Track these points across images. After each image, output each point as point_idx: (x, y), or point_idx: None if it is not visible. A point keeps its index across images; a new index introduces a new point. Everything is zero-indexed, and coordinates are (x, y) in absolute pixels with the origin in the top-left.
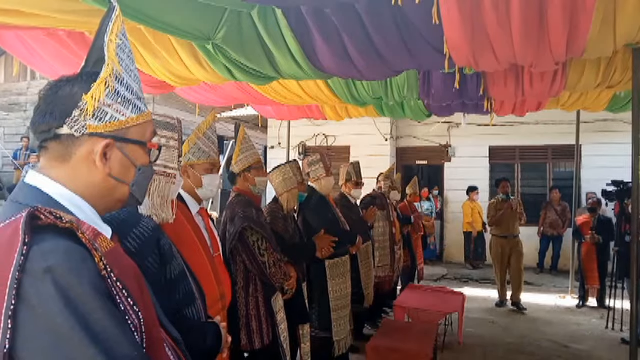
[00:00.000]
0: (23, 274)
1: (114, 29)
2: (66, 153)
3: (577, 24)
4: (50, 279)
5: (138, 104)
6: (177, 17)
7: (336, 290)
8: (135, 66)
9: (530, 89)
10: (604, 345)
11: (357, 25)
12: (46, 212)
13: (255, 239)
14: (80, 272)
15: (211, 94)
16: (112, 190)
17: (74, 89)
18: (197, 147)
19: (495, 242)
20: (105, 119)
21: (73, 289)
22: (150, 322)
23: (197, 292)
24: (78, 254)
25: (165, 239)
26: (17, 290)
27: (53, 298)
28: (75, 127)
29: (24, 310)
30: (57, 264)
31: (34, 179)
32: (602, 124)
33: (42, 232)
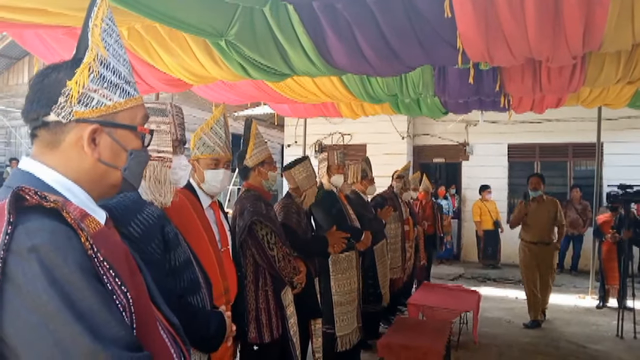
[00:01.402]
0: (8, 252)
1: (99, 13)
2: (55, 140)
3: (593, 16)
4: (35, 258)
5: (126, 88)
6: (189, 14)
7: (339, 285)
8: (124, 50)
9: (549, 85)
10: (623, 346)
11: (368, 20)
12: (31, 192)
13: (264, 233)
14: (65, 251)
15: (228, 92)
16: (103, 175)
17: (59, 75)
18: (202, 142)
19: (521, 247)
20: (91, 104)
21: (58, 268)
22: (141, 303)
23: (204, 281)
24: (63, 233)
25: (170, 226)
26: (3, 269)
27: (38, 277)
28: (62, 114)
29: (9, 289)
30: (42, 243)
31: (27, 164)
32: (625, 121)
33: (28, 212)
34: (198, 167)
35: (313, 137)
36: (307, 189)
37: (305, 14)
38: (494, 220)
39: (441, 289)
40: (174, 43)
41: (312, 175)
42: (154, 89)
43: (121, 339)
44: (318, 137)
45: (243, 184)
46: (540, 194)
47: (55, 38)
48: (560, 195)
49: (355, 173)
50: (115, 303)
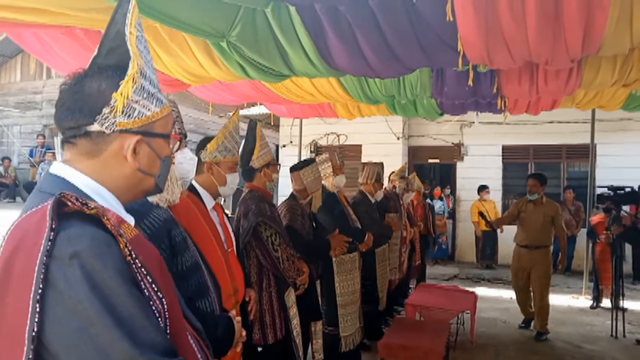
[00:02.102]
0: (50, 258)
1: (132, 20)
2: (96, 149)
3: (593, 21)
4: (76, 264)
5: (160, 97)
6: (192, 15)
7: (343, 286)
8: (151, 57)
9: (545, 87)
10: (618, 346)
11: (370, 22)
12: (72, 199)
13: (268, 234)
14: (106, 257)
15: (225, 92)
16: (139, 182)
17: (102, 85)
18: (224, 146)
19: (515, 250)
20: (133, 115)
21: (98, 274)
22: (173, 309)
23: (212, 285)
24: (103, 239)
25: (178, 230)
26: (45, 274)
27: (79, 282)
28: (105, 124)
29: (51, 294)
30: (83, 249)
31: (59, 169)
32: (618, 123)
33: (69, 218)
34: (218, 170)
35: (308, 138)
36: (314, 192)
37: (307, 16)
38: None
39: (438, 289)
40: (174, 43)
41: (319, 178)
42: None
43: (158, 345)
44: (313, 138)
45: (245, 184)
46: (537, 197)
47: (54, 37)
48: (554, 196)
49: (370, 174)
50: (151, 309)
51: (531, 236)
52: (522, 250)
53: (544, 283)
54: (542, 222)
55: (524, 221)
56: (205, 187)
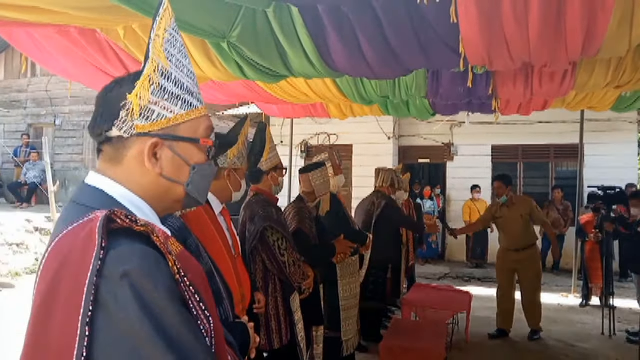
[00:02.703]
0: (100, 278)
1: (162, 24)
2: (118, 155)
3: (595, 24)
4: (127, 284)
5: (189, 99)
6: (193, 15)
7: (346, 290)
8: (188, 60)
9: (540, 89)
10: (611, 344)
11: (373, 23)
12: (122, 216)
13: (275, 239)
14: (156, 276)
15: (217, 91)
16: (167, 190)
17: (122, 89)
18: (241, 153)
19: (499, 251)
20: (152, 118)
21: (149, 294)
22: (217, 326)
23: (225, 291)
24: (153, 257)
25: (192, 238)
26: (95, 295)
27: (130, 303)
28: (124, 128)
29: (101, 316)
30: (133, 268)
31: (95, 180)
32: (605, 123)
33: (117, 236)
34: (235, 176)
35: (299, 137)
36: (322, 195)
37: (309, 16)
38: None
39: (433, 289)
40: None
41: (328, 182)
42: None
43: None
44: (304, 137)
45: (251, 187)
46: (507, 200)
47: (46, 36)
48: (543, 196)
49: (386, 178)
50: (200, 328)
51: (515, 239)
52: (510, 253)
53: (535, 283)
54: (521, 222)
55: (503, 226)
56: (216, 192)
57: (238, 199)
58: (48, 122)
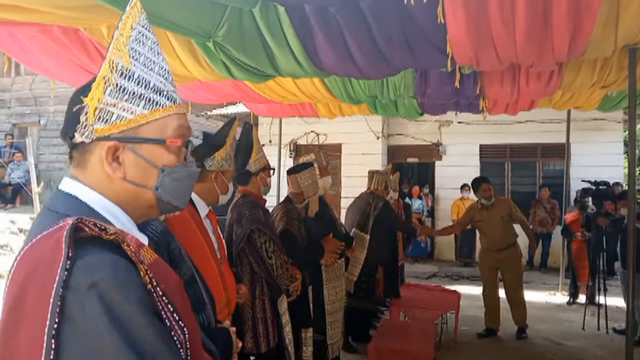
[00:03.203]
0: (67, 290)
1: (128, 22)
2: (83, 160)
3: (581, 25)
4: (95, 295)
5: (154, 98)
6: (178, 14)
7: (331, 293)
8: (161, 58)
9: (527, 88)
10: (597, 342)
11: (360, 24)
12: (90, 224)
13: (262, 241)
14: (126, 287)
15: (204, 91)
16: (135, 195)
17: (84, 93)
18: (229, 156)
19: (481, 251)
20: (111, 120)
21: (119, 305)
22: (193, 336)
23: (207, 297)
24: (123, 267)
25: (175, 242)
26: (61, 307)
27: (99, 315)
28: (85, 134)
29: (67, 329)
30: (102, 279)
31: (68, 186)
32: (591, 122)
33: (86, 244)
34: (222, 179)
35: (288, 137)
36: (311, 196)
37: (295, 16)
38: None
39: (421, 289)
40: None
41: (317, 182)
42: None
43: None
44: (293, 137)
45: (238, 189)
46: (492, 202)
47: (29, 36)
48: (530, 195)
49: (380, 181)
50: (173, 340)
51: (495, 240)
52: (493, 253)
53: (517, 280)
54: (502, 224)
55: (484, 228)
56: (202, 195)
57: (225, 201)
58: (32, 121)
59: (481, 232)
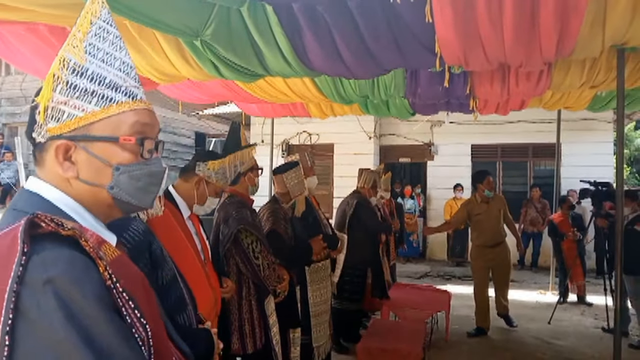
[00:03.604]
0: (21, 285)
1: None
2: (41, 160)
3: (568, 25)
4: (51, 291)
5: (109, 94)
6: (164, 12)
7: (316, 295)
8: (122, 52)
9: (516, 88)
10: (587, 341)
11: (348, 23)
12: (47, 220)
13: (249, 241)
14: (83, 283)
15: (195, 91)
16: (92, 195)
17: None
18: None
19: (475, 251)
20: (62, 119)
21: (75, 301)
22: (158, 335)
23: (188, 297)
24: (81, 263)
25: (157, 242)
26: (15, 303)
27: (54, 311)
28: (41, 133)
29: (22, 325)
30: (58, 275)
31: (34, 184)
32: (582, 122)
33: (43, 241)
34: (204, 188)
35: (280, 137)
36: (297, 196)
37: (284, 15)
38: None
39: (412, 289)
40: (144, 41)
41: (303, 182)
42: None
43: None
44: (285, 137)
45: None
46: (492, 195)
47: (16, 35)
48: (521, 194)
49: (368, 179)
50: (134, 337)
51: (492, 235)
52: (486, 250)
53: (507, 276)
54: (499, 218)
55: (481, 223)
56: (184, 197)
57: (199, 212)
58: (23, 121)
59: (477, 228)
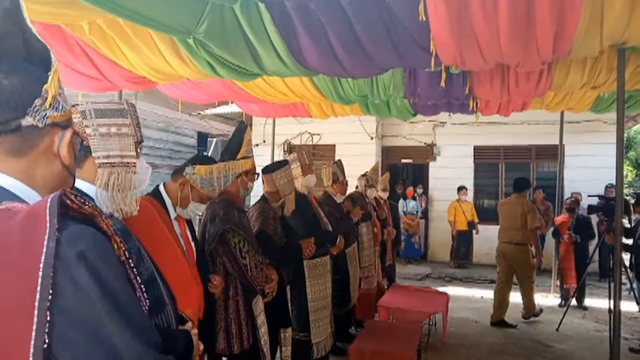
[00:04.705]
0: (57, 259)
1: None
2: (26, 145)
3: (564, 23)
4: (84, 265)
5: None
6: (156, 10)
7: (315, 291)
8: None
9: (516, 89)
10: (586, 345)
11: (342, 21)
12: (72, 196)
13: (236, 241)
14: (108, 257)
15: (195, 90)
16: (63, 182)
17: (26, 78)
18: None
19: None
20: (59, 108)
21: (105, 275)
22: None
23: (168, 297)
24: (102, 239)
25: (133, 241)
26: (54, 277)
27: (89, 283)
28: (37, 117)
29: (59, 300)
30: (87, 249)
31: None
32: (585, 124)
33: (65, 218)
34: (187, 192)
35: (281, 137)
36: (287, 195)
37: (276, 13)
38: (468, 221)
39: (410, 290)
40: (138, 39)
41: (292, 181)
42: (116, 86)
43: (157, 343)
44: (286, 137)
45: None
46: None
47: None
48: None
49: (327, 176)
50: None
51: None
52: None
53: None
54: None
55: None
56: (172, 197)
57: (185, 216)
58: None
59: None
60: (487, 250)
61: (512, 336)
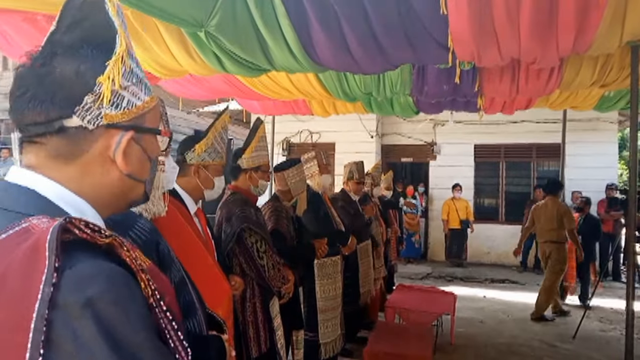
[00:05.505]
0: (53, 310)
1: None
2: (74, 150)
3: (588, 20)
4: (90, 315)
5: (147, 82)
6: (169, 2)
7: (324, 290)
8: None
9: (526, 86)
10: (593, 345)
11: (359, 15)
12: (81, 225)
13: (254, 240)
14: (128, 303)
15: (196, 87)
16: (126, 191)
17: (80, 67)
18: (213, 148)
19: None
20: (122, 105)
21: (120, 327)
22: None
23: (197, 301)
24: (122, 278)
25: (164, 243)
26: (47, 333)
27: (95, 340)
28: (87, 117)
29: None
30: (98, 294)
31: (25, 178)
32: (587, 123)
33: (74, 250)
34: (205, 173)
35: (281, 135)
36: (298, 194)
37: (291, 6)
38: (462, 220)
39: (416, 290)
40: (147, 33)
41: (304, 180)
42: None
43: None
44: (286, 135)
45: (228, 185)
46: None
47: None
48: (524, 195)
49: (345, 174)
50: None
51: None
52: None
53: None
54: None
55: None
56: (188, 190)
57: (213, 197)
58: None
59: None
60: (487, 250)
61: (519, 336)
